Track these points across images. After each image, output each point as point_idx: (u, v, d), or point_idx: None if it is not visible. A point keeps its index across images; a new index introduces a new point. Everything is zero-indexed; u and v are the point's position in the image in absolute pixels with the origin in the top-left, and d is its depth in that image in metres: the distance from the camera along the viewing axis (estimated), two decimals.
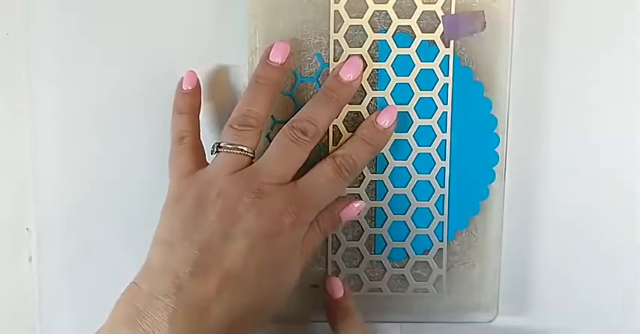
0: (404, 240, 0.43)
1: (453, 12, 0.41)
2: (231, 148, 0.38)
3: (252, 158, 0.39)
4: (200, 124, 0.42)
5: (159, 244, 0.38)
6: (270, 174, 0.38)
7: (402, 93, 0.42)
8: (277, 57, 0.40)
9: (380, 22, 0.41)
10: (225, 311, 0.36)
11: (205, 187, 0.38)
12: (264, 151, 0.39)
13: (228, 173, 0.38)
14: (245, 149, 0.38)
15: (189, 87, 0.42)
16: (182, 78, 0.42)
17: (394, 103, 0.42)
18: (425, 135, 0.42)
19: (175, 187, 0.39)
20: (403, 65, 0.42)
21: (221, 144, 0.39)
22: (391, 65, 0.42)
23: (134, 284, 0.37)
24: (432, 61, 0.42)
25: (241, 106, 0.39)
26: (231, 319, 0.36)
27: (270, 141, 0.40)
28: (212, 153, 0.40)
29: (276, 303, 0.39)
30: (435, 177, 0.43)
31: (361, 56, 0.41)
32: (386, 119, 0.41)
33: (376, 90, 0.42)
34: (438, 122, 0.42)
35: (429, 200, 0.43)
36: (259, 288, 0.37)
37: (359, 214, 0.42)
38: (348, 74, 0.40)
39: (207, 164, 0.40)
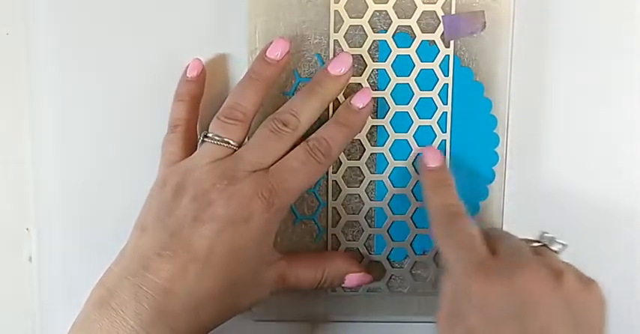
0: (404, 240, 0.43)
1: (453, 12, 0.41)
2: (217, 141, 0.39)
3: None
4: (199, 114, 0.42)
5: (135, 229, 0.38)
6: (245, 161, 0.38)
7: (402, 93, 0.42)
8: (274, 53, 0.40)
9: (380, 22, 0.41)
10: (189, 293, 0.36)
11: (185, 175, 0.38)
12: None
13: (209, 162, 0.38)
14: (230, 142, 0.39)
15: (191, 75, 0.42)
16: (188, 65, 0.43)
17: (394, 103, 0.42)
18: (425, 135, 0.42)
19: (161, 174, 0.40)
20: (403, 65, 0.42)
21: (208, 135, 0.39)
22: (391, 65, 0.42)
23: (109, 268, 0.38)
24: (432, 61, 0.42)
25: (230, 99, 0.40)
26: (196, 302, 0.36)
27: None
28: (199, 143, 0.40)
29: (249, 292, 0.39)
30: None
31: (361, 56, 0.41)
32: (360, 101, 0.40)
33: (376, 90, 0.42)
34: (438, 122, 0.42)
35: None
36: (226, 274, 0.37)
37: (358, 285, 0.43)
38: (337, 69, 0.40)
39: None
